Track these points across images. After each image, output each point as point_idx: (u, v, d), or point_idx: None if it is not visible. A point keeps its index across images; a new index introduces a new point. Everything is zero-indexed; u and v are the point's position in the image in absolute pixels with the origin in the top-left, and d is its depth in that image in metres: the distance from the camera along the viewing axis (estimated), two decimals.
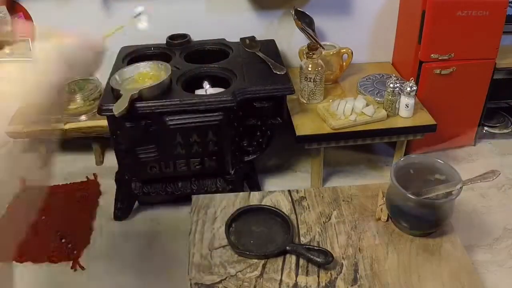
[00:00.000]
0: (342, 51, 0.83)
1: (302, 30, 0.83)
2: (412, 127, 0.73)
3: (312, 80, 0.75)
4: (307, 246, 0.55)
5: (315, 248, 0.54)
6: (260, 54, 0.78)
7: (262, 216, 0.60)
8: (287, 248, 0.55)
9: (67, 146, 0.93)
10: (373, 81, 0.84)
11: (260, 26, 0.89)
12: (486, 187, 0.78)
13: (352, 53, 0.82)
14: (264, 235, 0.58)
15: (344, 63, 0.84)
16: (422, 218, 0.55)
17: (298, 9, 0.84)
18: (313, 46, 0.77)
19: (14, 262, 0.68)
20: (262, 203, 0.63)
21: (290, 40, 0.91)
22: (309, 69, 0.76)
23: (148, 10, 0.89)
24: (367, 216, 0.61)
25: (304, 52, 0.86)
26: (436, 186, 0.58)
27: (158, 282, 0.63)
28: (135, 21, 0.40)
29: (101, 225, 0.74)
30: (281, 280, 0.52)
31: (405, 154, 0.78)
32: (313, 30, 0.84)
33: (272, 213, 0.60)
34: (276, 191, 0.66)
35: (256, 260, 0.55)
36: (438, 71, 0.77)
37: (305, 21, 0.84)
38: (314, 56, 0.76)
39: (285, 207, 0.63)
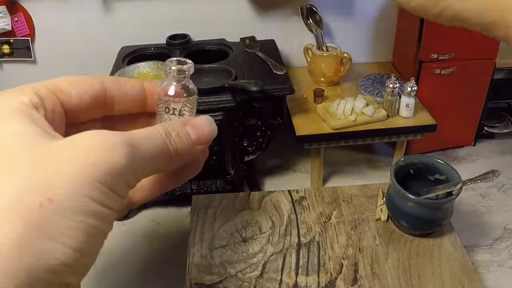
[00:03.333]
0: (343, 54, 0.82)
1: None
2: (412, 127, 0.73)
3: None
4: (242, 81, 0.66)
5: (251, 81, 0.65)
6: (260, 54, 0.78)
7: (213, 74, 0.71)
8: (226, 85, 0.64)
9: None
10: (373, 81, 0.84)
11: (260, 26, 0.89)
12: (486, 187, 0.78)
13: (350, 59, 0.82)
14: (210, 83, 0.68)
15: (342, 68, 0.83)
16: (422, 218, 0.55)
17: (309, 5, 0.84)
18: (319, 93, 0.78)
19: None
20: (262, 203, 0.63)
21: (290, 40, 0.91)
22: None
23: (148, 10, 0.89)
24: (367, 216, 0.61)
25: (309, 50, 0.86)
26: (436, 186, 0.58)
27: (158, 282, 0.63)
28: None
29: None
30: (281, 280, 0.53)
31: (405, 154, 0.78)
32: (321, 29, 0.84)
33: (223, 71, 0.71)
34: (276, 191, 0.66)
35: (256, 260, 0.55)
36: (438, 71, 0.77)
37: (314, 19, 0.84)
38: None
39: (285, 207, 0.63)
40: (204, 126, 0.32)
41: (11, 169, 0.23)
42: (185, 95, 0.33)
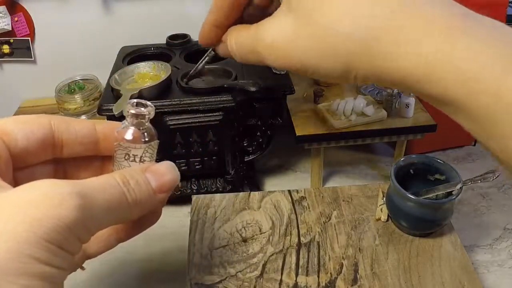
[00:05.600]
0: None
1: None
2: (412, 127, 0.73)
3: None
4: (241, 81, 0.67)
5: (250, 81, 0.66)
6: None
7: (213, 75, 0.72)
8: (225, 85, 0.65)
9: None
10: None
11: None
12: (486, 187, 0.78)
13: None
14: (210, 83, 0.70)
15: None
16: (422, 218, 0.55)
17: None
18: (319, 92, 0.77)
19: None
20: (262, 203, 0.63)
21: None
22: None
23: (148, 9, 0.89)
24: (367, 216, 0.61)
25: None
26: (436, 186, 0.58)
27: (157, 282, 0.63)
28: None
29: None
30: (281, 280, 0.52)
31: (405, 154, 0.78)
32: None
33: (223, 71, 0.72)
34: (276, 191, 0.66)
35: (256, 260, 0.55)
36: None
37: None
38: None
39: (285, 207, 0.63)
40: (166, 172, 0.30)
41: None
42: (146, 140, 0.31)
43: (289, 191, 0.65)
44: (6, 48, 0.88)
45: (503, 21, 0.80)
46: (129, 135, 0.31)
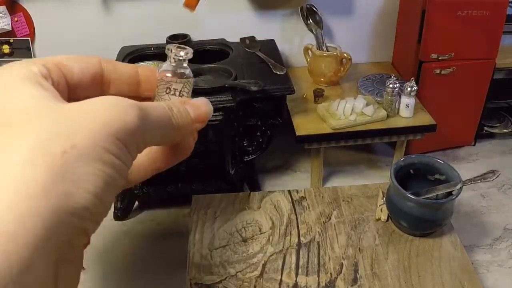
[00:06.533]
0: (343, 55, 0.83)
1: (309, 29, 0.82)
2: (412, 127, 0.73)
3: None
4: (242, 81, 0.67)
5: (251, 81, 0.66)
6: (260, 54, 0.78)
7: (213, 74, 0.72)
8: (226, 85, 0.65)
9: None
10: (373, 81, 0.84)
11: (260, 26, 0.89)
12: (486, 187, 0.78)
13: (350, 59, 0.82)
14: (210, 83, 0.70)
15: (342, 68, 0.83)
16: (422, 218, 0.55)
17: (309, 5, 0.84)
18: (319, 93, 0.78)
19: None
20: (262, 203, 0.63)
21: (290, 40, 0.91)
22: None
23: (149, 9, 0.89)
24: (367, 216, 0.61)
25: (309, 50, 0.86)
26: (436, 186, 0.58)
27: (157, 282, 0.63)
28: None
29: (101, 225, 0.74)
30: (281, 280, 0.53)
31: (405, 154, 0.78)
32: (321, 29, 0.84)
33: (223, 71, 0.72)
34: (276, 191, 0.66)
35: (256, 260, 0.55)
36: (438, 71, 0.77)
37: (314, 19, 0.84)
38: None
39: (285, 207, 0.63)
40: (202, 105, 0.35)
41: (33, 123, 0.24)
42: (185, 77, 0.36)
43: (289, 191, 0.65)
44: (6, 48, 0.88)
45: (502, 21, 0.81)
46: (171, 71, 0.36)
